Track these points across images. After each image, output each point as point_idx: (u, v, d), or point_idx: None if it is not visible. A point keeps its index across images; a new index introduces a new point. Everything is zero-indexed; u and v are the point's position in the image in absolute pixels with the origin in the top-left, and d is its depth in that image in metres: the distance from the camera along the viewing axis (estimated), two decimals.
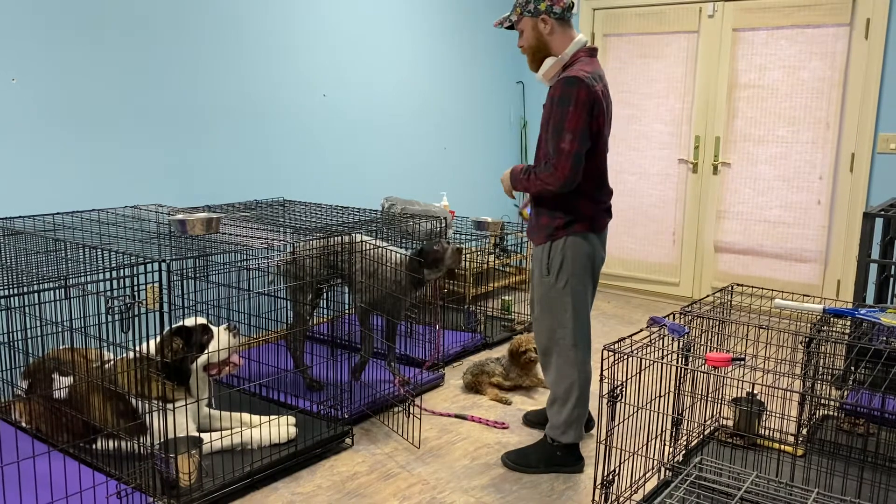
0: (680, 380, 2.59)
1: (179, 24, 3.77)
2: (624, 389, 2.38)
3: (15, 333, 3.16)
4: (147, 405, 2.67)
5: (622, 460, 2.67)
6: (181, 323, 2.82)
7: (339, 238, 3.37)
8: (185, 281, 3.51)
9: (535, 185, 2.80)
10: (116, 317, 2.30)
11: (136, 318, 2.34)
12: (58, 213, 3.33)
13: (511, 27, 2.93)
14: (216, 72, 3.98)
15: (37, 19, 3.24)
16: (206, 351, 2.81)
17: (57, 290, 3.09)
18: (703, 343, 2.68)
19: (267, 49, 4.22)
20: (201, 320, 2.85)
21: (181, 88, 3.83)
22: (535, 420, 3.43)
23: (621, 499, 2.51)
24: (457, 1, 5.55)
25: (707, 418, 3.00)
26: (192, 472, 2.52)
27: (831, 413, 3.15)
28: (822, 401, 3.11)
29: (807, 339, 2.62)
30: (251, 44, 4.13)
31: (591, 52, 2.86)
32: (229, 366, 2.88)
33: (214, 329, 2.86)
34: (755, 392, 3.02)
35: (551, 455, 2.99)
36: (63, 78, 3.36)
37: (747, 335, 2.70)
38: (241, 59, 4.10)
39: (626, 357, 2.35)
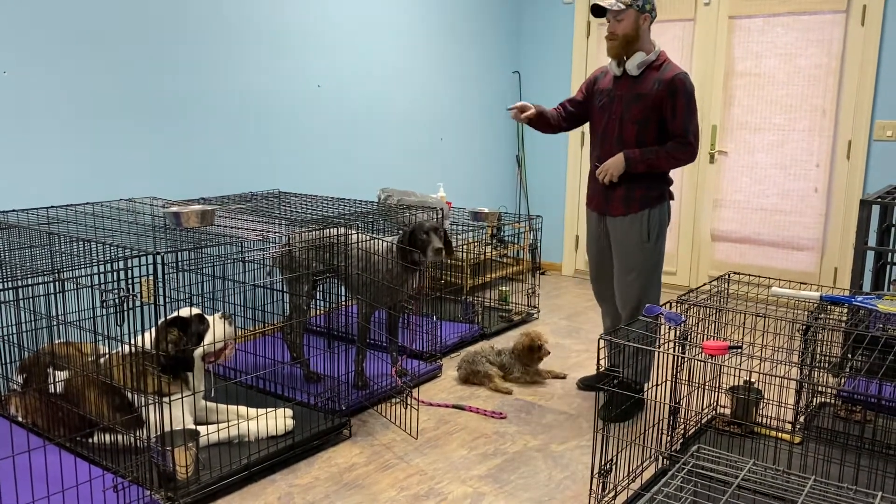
0: (677, 368, 2.59)
1: (173, 16, 3.75)
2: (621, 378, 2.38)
3: (9, 328, 3.15)
4: (143, 398, 2.66)
5: (619, 449, 2.68)
6: (176, 313, 2.81)
7: (333, 231, 3.35)
8: (179, 273, 3.50)
9: (669, 162, 3.24)
10: (111, 310, 2.29)
11: (131, 311, 2.33)
12: (52, 207, 3.32)
13: (601, 13, 3.25)
14: (210, 63, 3.95)
15: (28, 12, 3.22)
16: (203, 341, 2.80)
17: (51, 284, 3.08)
18: (700, 331, 2.68)
19: (261, 40, 4.20)
20: (195, 310, 2.84)
21: (175, 81, 3.81)
22: (591, 384, 3.71)
23: (619, 487, 2.51)
24: None
25: (704, 407, 3.01)
26: (189, 464, 2.52)
27: (828, 400, 3.16)
28: (820, 388, 3.11)
29: (804, 327, 2.62)
30: (245, 35, 4.11)
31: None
32: (226, 351, 2.87)
33: (209, 318, 2.85)
34: (752, 380, 3.02)
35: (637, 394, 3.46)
36: (55, 71, 3.34)
37: (744, 323, 2.70)
38: (236, 51, 4.07)
39: (622, 346, 2.34)
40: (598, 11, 3.28)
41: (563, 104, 3.60)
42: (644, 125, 3.25)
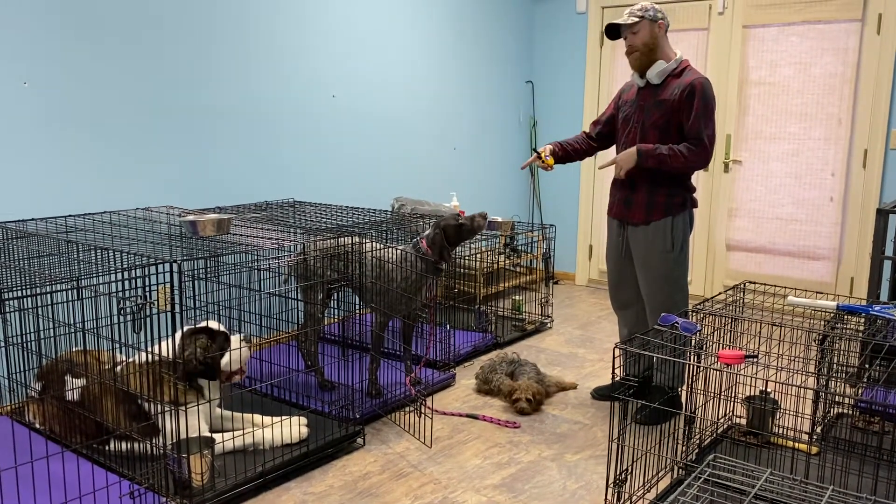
0: (692, 378, 2.58)
1: (190, 26, 3.79)
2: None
3: (28, 335, 3.18)
4: (160, 406, 2.68)
5: (634, 459, 2.66)
6: (205, 324, 2.83)
7: (349, 240, 3.37)
8: (195, 282, 3.52)
9: (680, 162, 3.20)
10: (128, 317, 2.31)
11: (148, 319, 2.35)
12: (70, 216, 3.35)
13: (616, 35, 3.35)
14: (227, 74, 3.99)
15: (47, 23, 3.26)
16: (224, 357, 2.82)
17: (69, 291, 3.11)
18: (715, 341, 2.67)
19: (277, 50, 4.23)
20: (220, 326, 2.86)
21: (192, 90, 3.84)
22: (606, 394, 3.74)
23: (634, 497, 2.49)
24: (466, 1, 5.55)
25: (720, 416, 2.99)
26: (204, 472, 2.53)
27: (846, 411, 3.13)
28: (837, 398, 3.09)
29: (820, 337, 2.60)
30: (261, 45, 4.15)
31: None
32: (239, 374, 2.89)
33: (231, 337, 2.87)
34: (769, 390, 3.00)
35: (674, 400, 3.41)
36: (74, 81, 3.38)
37: (760, 333, 2.69)
38: (252, 61, 4.11)
39: (638, 355, 2.34)
40: (612, 34, 3.36)
41: (593, 123, 3.64)
42: (666, 131, 3.27)
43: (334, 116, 4.65)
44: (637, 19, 3.25)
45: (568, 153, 3.58)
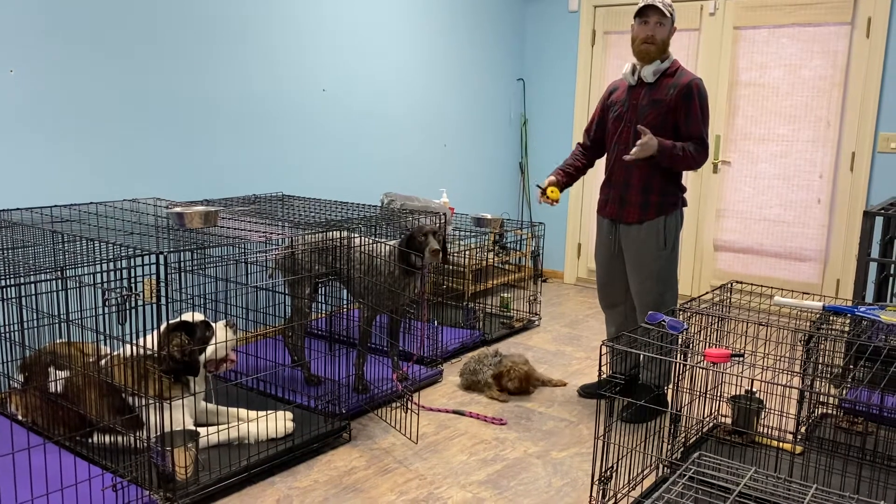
0: (678, 376, 2.59)
1: (179, 18, 3.76)
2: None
3: (12, 325, 3.15)
4: (144, 399, 2.66)
5: (620, 456, 2.67)
6: (181, 318, 2.81)
7: (336, 234, 3.35)
8: (182, 274, 3.50)
9: (686, 161, 3.25)
10: (113, 308, 2.29)
11: (133, 310, 2.33)
12: (56, 206, 3.32)
13: (643, 16, 3.28)
14: (216, 66, 3.96)
15: (36, 11, 3.23)
16: (207, 347, 2.80)
17: (54, 281, 3.08)
18: (702, 340, 2.67)
19: (267, 44, 4.21)
20: (199, 316, 2.84)
21: (181, 82, 3.82)
22: (592, 392, 3.73)
23: (619, 495, 2.50)
24: None
25: (705, 415, 3.00)
26: (188, 465, 2.51)
27: (830, 411, 3.15)
28: (821, 398, 3.10)
29: (806, 337, 2.61)
30: (251, 38, 4.12)
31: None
32: (227, 362, 2.87)
33: (214, 325, 2.85)
34: (754, 389, 3.01)
35: (660, 398, 3.45)
36: (61, 70, 3.35)
37: (746, 332, 2.69)
38: (242, 54, 4.08)
39: (625, 353, 2.34)
40: (642, 11, 3.28)
41: (585, 132, 3.65)
42: (660, 131, 3.29)
43: (324, 110, 4.63)
44: (669, 14, 3.28)
45: (571, 175, 3.58)
